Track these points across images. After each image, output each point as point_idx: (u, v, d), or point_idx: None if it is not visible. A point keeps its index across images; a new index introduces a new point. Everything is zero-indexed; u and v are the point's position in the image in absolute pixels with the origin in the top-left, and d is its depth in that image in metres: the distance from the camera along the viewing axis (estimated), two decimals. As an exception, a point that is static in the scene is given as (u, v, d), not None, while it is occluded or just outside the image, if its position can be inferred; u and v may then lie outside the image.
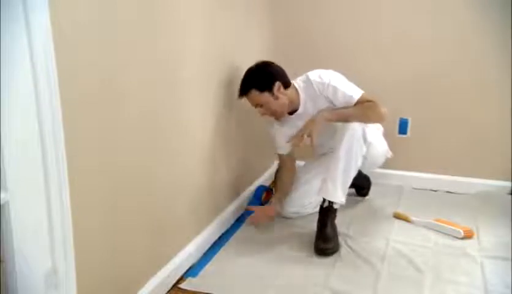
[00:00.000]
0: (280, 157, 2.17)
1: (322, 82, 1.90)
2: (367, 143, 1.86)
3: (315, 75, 1.94)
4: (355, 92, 1.87)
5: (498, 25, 2.19)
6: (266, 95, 1.90)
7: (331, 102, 1.91)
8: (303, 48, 1.98)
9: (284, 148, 2.11)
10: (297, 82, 1.99)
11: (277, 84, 1.90)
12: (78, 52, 1.11)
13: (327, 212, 1.88)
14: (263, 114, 1.99)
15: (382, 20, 2.41)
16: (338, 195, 1.84)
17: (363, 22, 2.44)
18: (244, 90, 1.93)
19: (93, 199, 1.21)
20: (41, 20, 0.97)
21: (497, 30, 2.20)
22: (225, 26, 1.96)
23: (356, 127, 1.81)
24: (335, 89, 1.87)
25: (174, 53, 1.56)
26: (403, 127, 2.48)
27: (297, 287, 1.60)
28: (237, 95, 1.95)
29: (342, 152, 1.81)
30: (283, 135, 2.06)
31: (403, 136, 2.47)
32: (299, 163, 2.31)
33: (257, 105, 1.94)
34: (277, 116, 2.00)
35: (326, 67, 1.99)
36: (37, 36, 0.97)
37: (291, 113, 2.01)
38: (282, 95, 1.91)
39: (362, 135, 1.83)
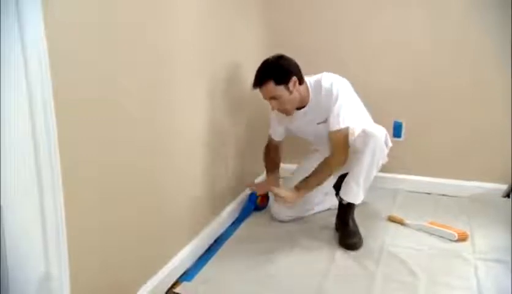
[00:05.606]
0: (271, 140, 2.22)
1: (331, 90, 1.89)
2: (388, 147, 1.94)
3: (327, 81, 1.92)
4: (343, 121, 1.87)
5: (497, 27, 2.20)
6: (281, 89, 1.87)
7: (327, 112, 1.91)
8: (299, 50, 1.99)
9: (278, 135, 2.18)
10: (309, 80, 1.98)
11: (294, 79, 1.88)
12: (74, 54, 1.10)
13: (348, 209, 1.94)
14: (275, 108, 1.96)
15: (378, 23, 2.42)
16: (360, 196, 1.91)
17: (358, 25, 2.46)
18: (260, 81, 1.89)
19: (87, 204, 1.20)
20: (35, 22, 0.96)
21: (495, 32, 2.21)
22: (221, 28, 1.96)
23: (378, 132, 1.86)
24: (336, 100, 1.88)
25: (171, 54, 1.55)
26: (397, 130, 2.49)
27: (292, 291, 1.60)
28: (252, 85, 1.92)
29: (366, 156, 1.83)
30: (280, 124, 2.13)
31: (398, 139, 2.48)
32: (292, 166, 2.31)
33: (271, 97, 1.90)
34: (287, 113, 1.98)
35: (321, 70, 1.99)
36: (31, 44, 0.96)
37: (297, 108, 2.01)
38: (295, 91, 1.90)
39: (384, 140, 1.90)
